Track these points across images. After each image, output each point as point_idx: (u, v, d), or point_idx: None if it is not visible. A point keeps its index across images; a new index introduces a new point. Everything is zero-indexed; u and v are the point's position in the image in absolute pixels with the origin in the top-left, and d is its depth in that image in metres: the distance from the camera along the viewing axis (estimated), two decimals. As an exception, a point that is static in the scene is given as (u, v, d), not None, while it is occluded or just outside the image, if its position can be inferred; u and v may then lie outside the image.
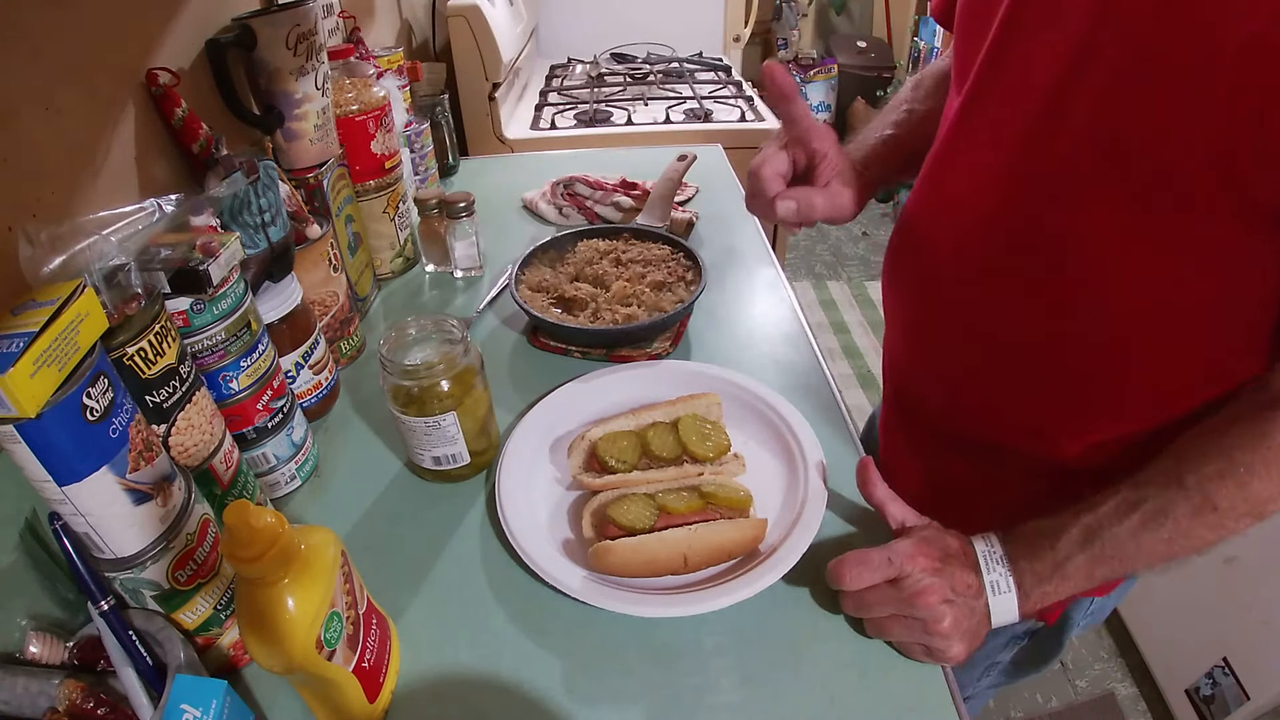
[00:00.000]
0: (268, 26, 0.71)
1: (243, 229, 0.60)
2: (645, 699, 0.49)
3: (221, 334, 0.54)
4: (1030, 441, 0.61)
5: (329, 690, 0.44)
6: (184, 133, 0.67)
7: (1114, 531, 0.49)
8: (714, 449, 0.62)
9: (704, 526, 0.55)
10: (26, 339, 0.35)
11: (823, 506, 0.58)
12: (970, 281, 0.59)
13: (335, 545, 0.43)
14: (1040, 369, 0.58)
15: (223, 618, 0.49)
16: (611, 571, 0.55)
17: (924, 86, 0.75)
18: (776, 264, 0.99)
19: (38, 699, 0.42)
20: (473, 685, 0.50)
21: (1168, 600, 1.38)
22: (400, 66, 1.09)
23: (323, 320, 0.75)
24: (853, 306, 2.68)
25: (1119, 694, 1.43)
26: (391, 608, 0.54)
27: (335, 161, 0.81)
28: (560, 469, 0.67)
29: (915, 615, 0.49)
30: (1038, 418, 0.60)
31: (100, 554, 0.43)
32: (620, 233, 0.93)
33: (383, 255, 0.97)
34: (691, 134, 1.54)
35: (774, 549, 0.56)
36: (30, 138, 0.53)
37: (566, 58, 2.03)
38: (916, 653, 0.50)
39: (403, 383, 0.60)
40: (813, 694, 0.49)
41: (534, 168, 1.32)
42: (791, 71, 3.82)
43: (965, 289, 0.59)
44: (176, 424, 0.49)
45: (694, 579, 0.56)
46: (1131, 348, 0.53)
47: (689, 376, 0.74)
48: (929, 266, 0.63)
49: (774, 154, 0.63)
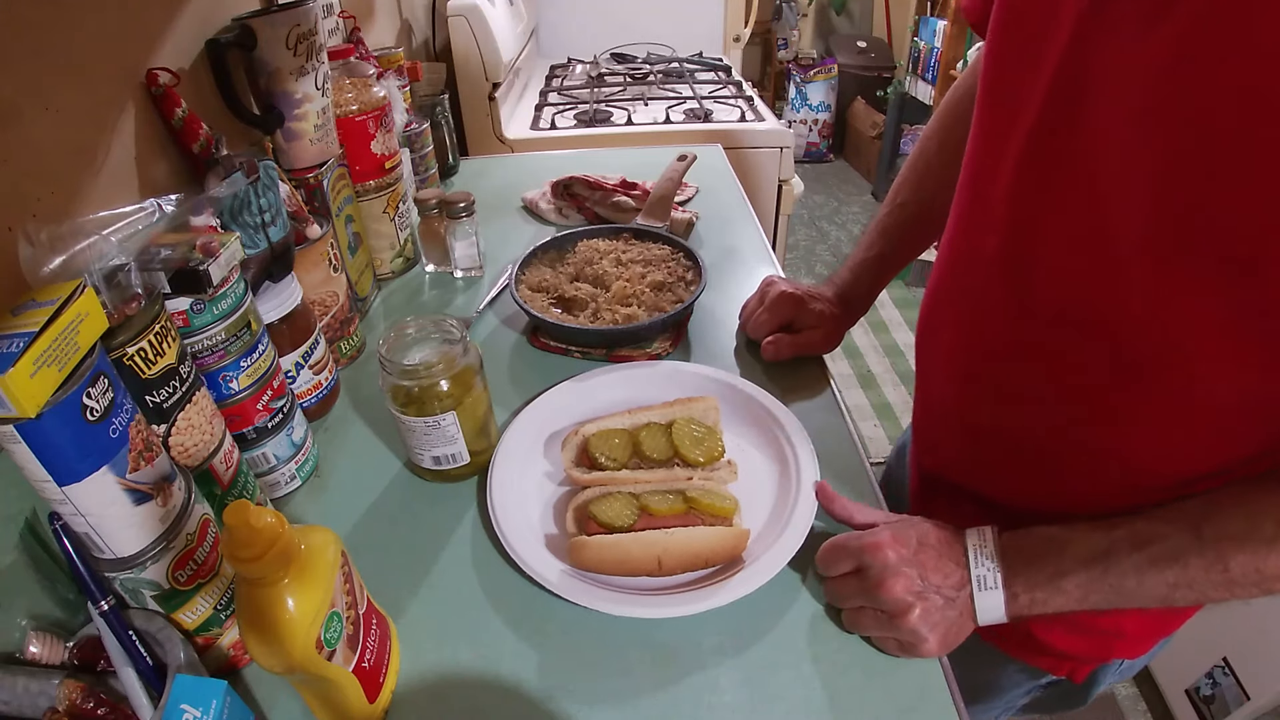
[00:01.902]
0: (268, 26, 0.71)
1: (243, 229, 0.60)
2: (645, 699, 0.49)
3: (221, 334, 0.54)
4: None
5: (329, 690, 0.44)
6: (184, 133, 0.66)
7: (1120, 560, 0.47)
8: (705, 454, 0.62)
9: (682, 531, 0.55)
10: (26, 339, 0.35)
11: (811, 517, 0.58)
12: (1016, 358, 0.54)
13: (335, 545, 0.43)
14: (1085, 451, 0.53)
15: (223, 618, 0.49)
16: (586, 567, 0.55)
17: (927, 159, 0.74)
18: (776, 264, 0.99)
19: (38, 699, 0.42)
20: (473, 685, 0.50)
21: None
22: (400, 66, 1.09)
23: (323, 320, 0.75)
24: (853, 306, 2.68)
25: (1119, 694, 1.43)
26: (391, 608, 0.55)
27: (335, 161, 0.81)
28: (555, 465, 0.67)
29: (880, 607, 0.48)
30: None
31: (100, 554, 0.43)
32: (620, 233, 0.93)
33: (383, 255, 0.97)
34: (691, 134, 1.54)
35: (757, 558, 0.55)
36: (30, 138, 0.53)
37: (566, 58, 2.03)
38: (890, 646, 0.49)
39: (402, 383, 0.60)
40: (813, 694, 0.49)
41: (534, 168, 1.32)
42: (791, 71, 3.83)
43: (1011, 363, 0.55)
44: (176, 424, 0.49)
45: (672, 582, 0.56)
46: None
47: (688, 378, 0.74)
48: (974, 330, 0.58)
49: (769, 317, 0.78)
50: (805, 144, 3.96)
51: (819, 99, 3.84)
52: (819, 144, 3.98)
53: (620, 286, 0.82)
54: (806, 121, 3.91)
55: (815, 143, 3.98)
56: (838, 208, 3.51)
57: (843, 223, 3.35)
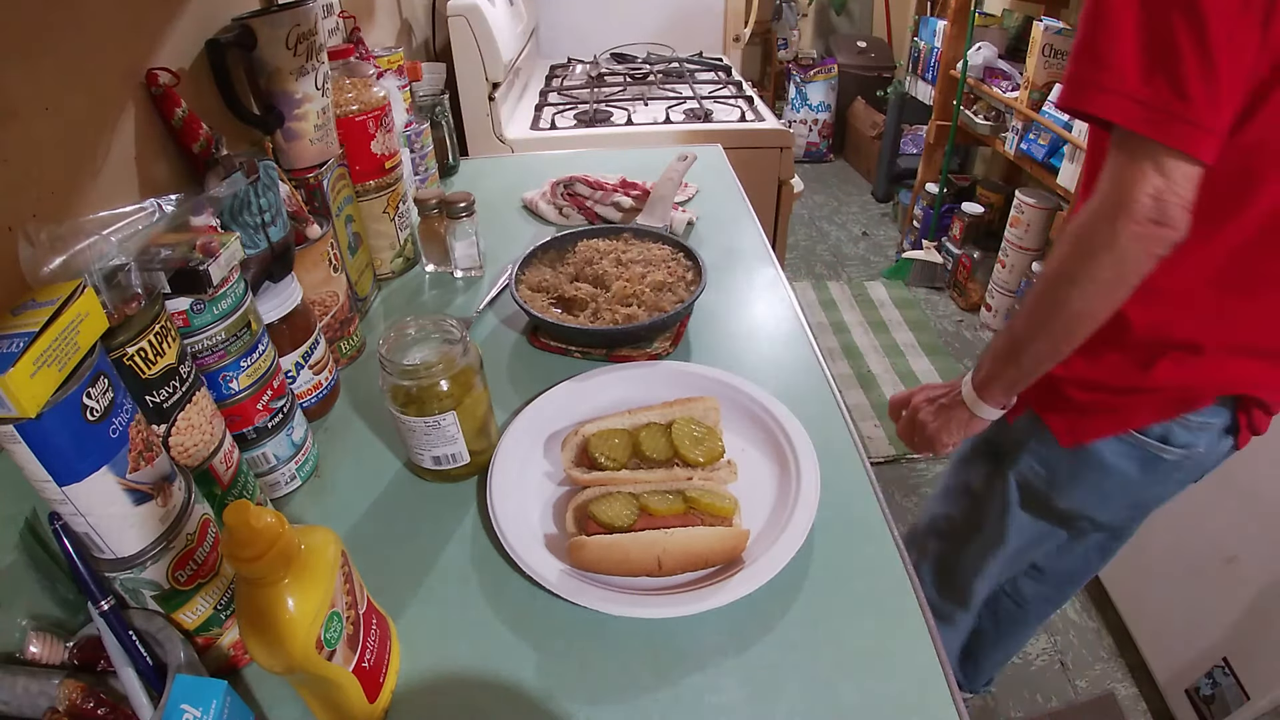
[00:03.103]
0: (268, 26, 0.71)
1: (243, 229, 0.60)
2: (645, 699, 0.49)
3: (221, 334, 0.54)
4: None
5: (329, 690, 0.44)
6: (184, 133, 0.66)
7: (999, 335, 0.74)
8: (705, 454, 0.62)
9: (681, 531, 0.55)
10: (26, 339, 0.35)
11: (811, 517, 0.58)
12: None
13: (335, 545, 0.43)
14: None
15: (223, 618, 0.49)
16: (586, 567, 0.55)
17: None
18: (776, 264, 0.99)
19: (38, 699, 0.42)
20: (473, 685, 0.50)
21: (1168, 600, 1.38)
22: (400, 66, 1.09)
23: (323, 320, 0.75)
24: (853, 306, 2.68)
25: (1119, 694, 1.42)
26: (391, 608, 0.55)
27: (335, 161, 0.81)
28: (555, 465, 0.67)
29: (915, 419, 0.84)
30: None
31: (100, 554, 0.43)
32: (620, 233, 0.93)
33: (383, 255, 0.97)
34: (691, 134, 1.54)
35: (757, 558, 0.56)
36: (30, 138, 0.53)
37: (566, 58, 2.03)
38: (921, 448, 0.84)
39: (402, 383, 0.60)
40: (813, 694, 0.49)
41: (534, 168, 1.32)
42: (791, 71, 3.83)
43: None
44: (176, 424, 0.49)
45: (672, 582, 0.56)
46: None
47: (688, 378, 0.74)
48: None
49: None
50: (805, 144, 3.96)
51: (819, 99, 3.84)
52: (819, 144, 3.98)
53: (620, 286, 0.82)
54: (806, 121, 3.91)
55: (815, 143, 3.98)
56: (838, 208, 3.51)
57: (843, 223, 3.35)
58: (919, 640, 0.52)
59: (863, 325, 2.57)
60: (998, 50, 2.45)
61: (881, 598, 0.55)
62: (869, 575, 0.57)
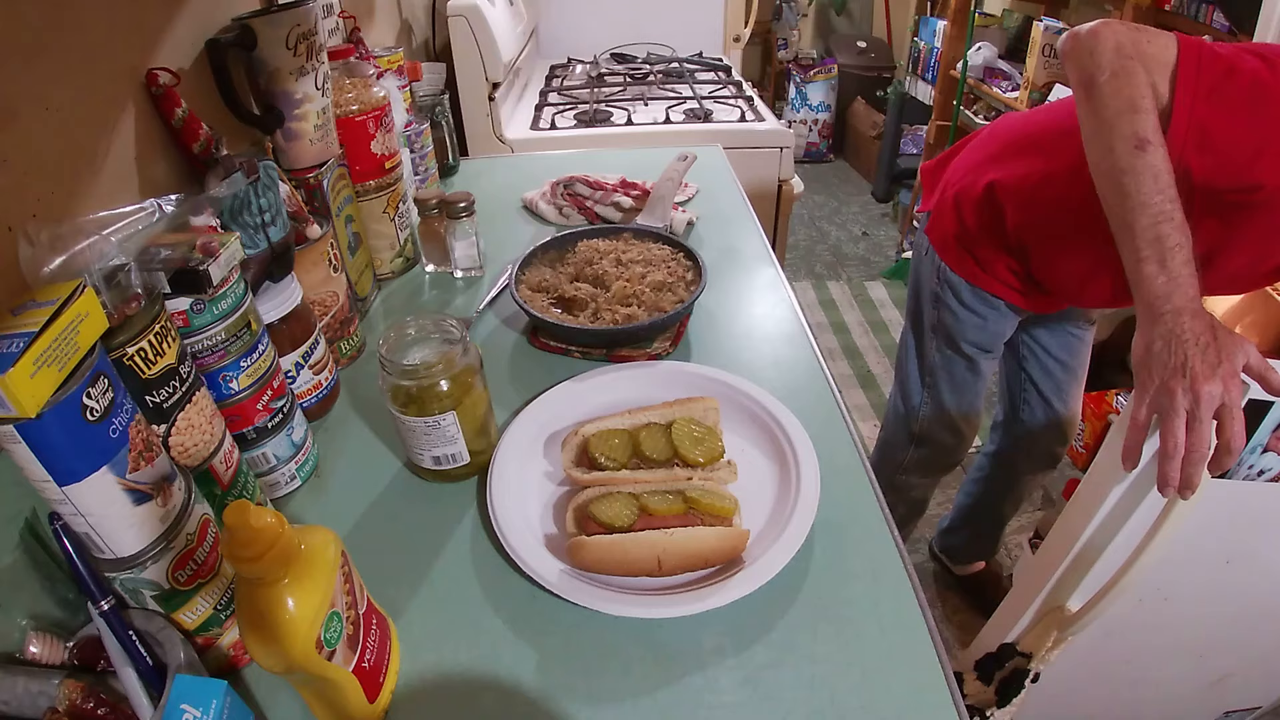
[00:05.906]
0: (268, 26, 0.71)
1: (243, 229, 0.60)
2: (645, 699, 0.49)
3: (221, 334, 0.54)
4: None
5: (329, 690, 0.44)
6: (184, 133, 0.67)
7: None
8: (705, 454, 0.62)
9: (681, 531, 0.55)
10: (26, 339, 0.35)
11: (811, 517, 0.58)
12: None
13: (335, 545, 0.43)
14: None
15: (223, 618, 0.49)
16: (586, 567, 0.55)
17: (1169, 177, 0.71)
18: (776, 264, 0.99)
19: (38, 699, 0.42)
20: (473, 685, 0.50)
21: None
22: (400, 66, 1.09)
23: (323, 320, 0.75)
24: (853, 306, 2.68)
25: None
26: (391, 608, 0.55)
27: (335, 161, 0.81)
28: (555, 465, 0.67)
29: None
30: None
31: (100, 554, 0.43)
32: (620, 233, 0.93)
33: (383, 255, 0.97)
34: (691, 134, 1.54)
35: (757, 558, 0.56)
36: (30, 138, 0.53)
37: (566, 58, 2.03)
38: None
39: (402, 383, 0.60)
40: (813, 694, 0.49)
41: (534, 168, 1.32)
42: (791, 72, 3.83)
43: None
44: (176, 424, 0.49)
45: (672, 582, 0.56)
46: None
47: (688, 378, 0.74)
48: None
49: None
50: (805, 144, 3.96)
51: (819, 99, 3.84)
52: (819, 144, 3.98)
53: (620, 286, 0.82)
54: (806, 121, 3.91)
55: (815, 143, 3.98)
56: (838, 208, 3.51)
57: (843, 223, 3.35)
58: (919, 640, 0.52)
59: (863, 325, 2.57)
60: (998, 50, 2.46)
61: (881, 598, 0.55)
62: (869, 575, 0.57)
